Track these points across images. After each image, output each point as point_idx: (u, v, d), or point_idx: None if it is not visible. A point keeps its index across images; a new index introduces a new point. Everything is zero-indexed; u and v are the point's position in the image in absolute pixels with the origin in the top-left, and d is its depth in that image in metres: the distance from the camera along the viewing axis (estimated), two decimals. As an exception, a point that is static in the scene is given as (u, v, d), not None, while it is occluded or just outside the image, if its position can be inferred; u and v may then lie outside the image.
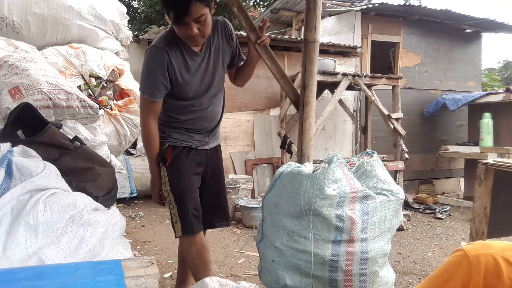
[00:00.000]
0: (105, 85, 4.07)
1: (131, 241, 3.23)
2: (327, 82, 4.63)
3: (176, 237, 1.90)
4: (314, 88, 2.15)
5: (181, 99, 1.88)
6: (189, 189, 1.90)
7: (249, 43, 2.04)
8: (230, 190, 4.23)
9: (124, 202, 4.78)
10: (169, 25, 1.84)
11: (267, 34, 2.19)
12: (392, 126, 4.76)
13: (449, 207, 5.24)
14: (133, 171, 4.88)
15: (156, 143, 1.86)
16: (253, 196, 4.91)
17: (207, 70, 1.89)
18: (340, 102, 5.22)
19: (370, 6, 5.71)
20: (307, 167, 1.80)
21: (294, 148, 4.62)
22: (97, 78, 3.91)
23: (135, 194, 4.80)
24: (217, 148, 2.11)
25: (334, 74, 4.60)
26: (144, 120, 1.83)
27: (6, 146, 1.44)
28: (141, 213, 4.39)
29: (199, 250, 1.89)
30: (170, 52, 1.76)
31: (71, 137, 2.17)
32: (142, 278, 0.89)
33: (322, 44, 4.96)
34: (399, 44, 6.03)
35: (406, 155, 4.75)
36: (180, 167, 1.89)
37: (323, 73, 4.48)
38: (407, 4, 6.89)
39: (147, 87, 1.77)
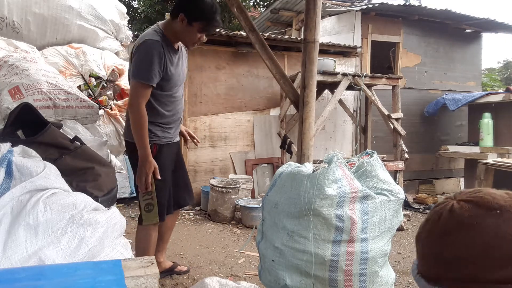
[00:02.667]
0: (105, 85, 4.07)
1: (131, 241, 3.22)
2: (327, 82, 4.63)
3: (145, 224, 2.22)
4: (314, 88, 2.16)
5: (165, 90, 2.17)
6: (167, 182, 2.27)
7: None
8: (230, 190, 4.23)
9: (124, 202, 4.78)
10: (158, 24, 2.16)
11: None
12: (392, 126, 4.76)
13: (449, 207, 5.24)
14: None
15: (147, 126, 2.08)
16: (253, 196, 4.91)
17: (182, 65, 2.27)
18: (340, 102, 5.22)
19: (370, 6, 5.71)
20: (307, 167, 1.80)
21: (294, 148, 4.62)
22: (97, 78, 3.91)
23: (135, 194, 4.80)
24: (178, 141, 2.48)
25: (334, 74, 4.60)
26: (138, 106, 2.02)
27: (6, 146, 1.44)
28: (141, 213, 4.39)
29: (157, 234, 2.34)
30: (163, 46, 2.04)
31: (71, 137, 2.17)
32: (142, 278, 0.89)
33: (322, 44, 4.96)
34: (399, 44, 6.02)
35: (406, 155, 4.75)
36: (164, 162, 2.22)
37: (323, 73, 4.48)
38: (407, 4, 6.89)
39: (144, 72, 1.99)
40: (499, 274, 0.55)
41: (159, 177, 2.12)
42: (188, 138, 2.59)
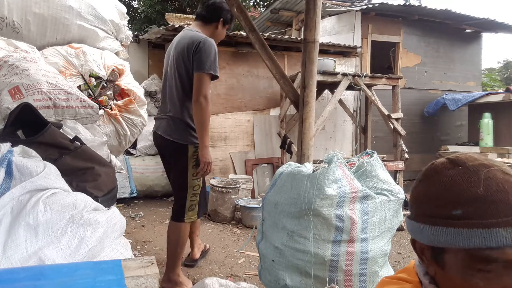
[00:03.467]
0: (105, 85, 4.07)
1: (131, 241, 3.23)
2: (327, 82, 4.63)
3: (186, 221, 2.35)
4: (314, 88, 2.16)
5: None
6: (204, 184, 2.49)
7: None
8: (230, 190, 4.23)
9: (124, 202, 4.78)
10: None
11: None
12: (392, 126, 4.76)
13: (449, 207, 5.23)
14: (133, 171, 4.88)
15: None
16: (253, 196, 4.91)
17: None
18: (340, 102, 5.22)
19: (370, 6, 5.72)
20: (307, 167, 1.80)
21: (294, 148, 4.62)
22: (97, 78, 3.91)
23: (135, 194, 4.80)
24: None
25: (334, 74, 4.60)
26: (207, 96, 2.15)
27: (6, 146, 1.44)
28: (141, 213, 4.39)
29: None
30: None
31: (71, 137, 2.17)
32: (142, 278, 0.89)
33: (322, 44, 4.96)
34: (399, 44, 6.03)
35: (406, 155, 4.75)
36: None
37: (323, 73, 4.48)
38: (407, 4, 6.89)
39: (213, 65, 2.15)
40: (446, 212, 0.68)
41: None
42: None
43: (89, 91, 3.84)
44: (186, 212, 2.34)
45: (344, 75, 4.62)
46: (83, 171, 1.94)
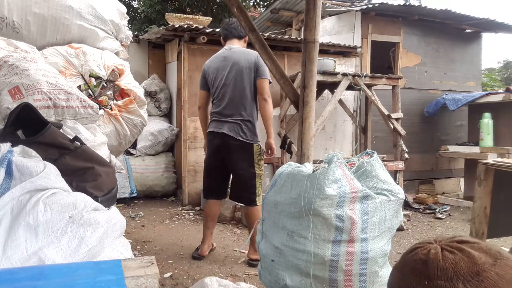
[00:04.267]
0: (105, 85, 4.07)
1: (131, 241, 3.23)
2: (327, 82, 4.63)
3: (259, 204, 2.81)
4: (314, 88, 2.16)
5: None
6: None
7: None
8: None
9: (124, 202, 4.78)
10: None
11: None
12: (392, 126, 4.76)
13: (449, 207, 5.24)
14: (133, 171, 4.88)
15: None
16: (253, 196, 4.90)
17: None
18: (340, 102, 5.22)
19: (370, 6, 5.71)
20: (307, 167, 1.80)
21: (294, 148, 4.61)
22: (97, 78, 3.91)
23: (135, 194, 4.80)
24: None
25: (334, 74, 4.60)
26: (270, 96, 2.83)
27: (6, 146, 1.43)
28: (141, 213, 4.40)
29: None
30: None
31: (71, 137, 2.17)
32: (142, 278, 0.89)
33: (322, 44, 4.95)
34: (399, 44, 6.02)
35: (406, 155, 4.75)
36: None
37: (323, 73, 4.48)
38: (407, 4, 6.89)
39: (269, 74, 2.75)
40: None
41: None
42: None
43: (89, 91, 3.83)
44: (258, 197, 2.86)
45: (344, 75, 4.62)
46: (83, 171, 1.94)
